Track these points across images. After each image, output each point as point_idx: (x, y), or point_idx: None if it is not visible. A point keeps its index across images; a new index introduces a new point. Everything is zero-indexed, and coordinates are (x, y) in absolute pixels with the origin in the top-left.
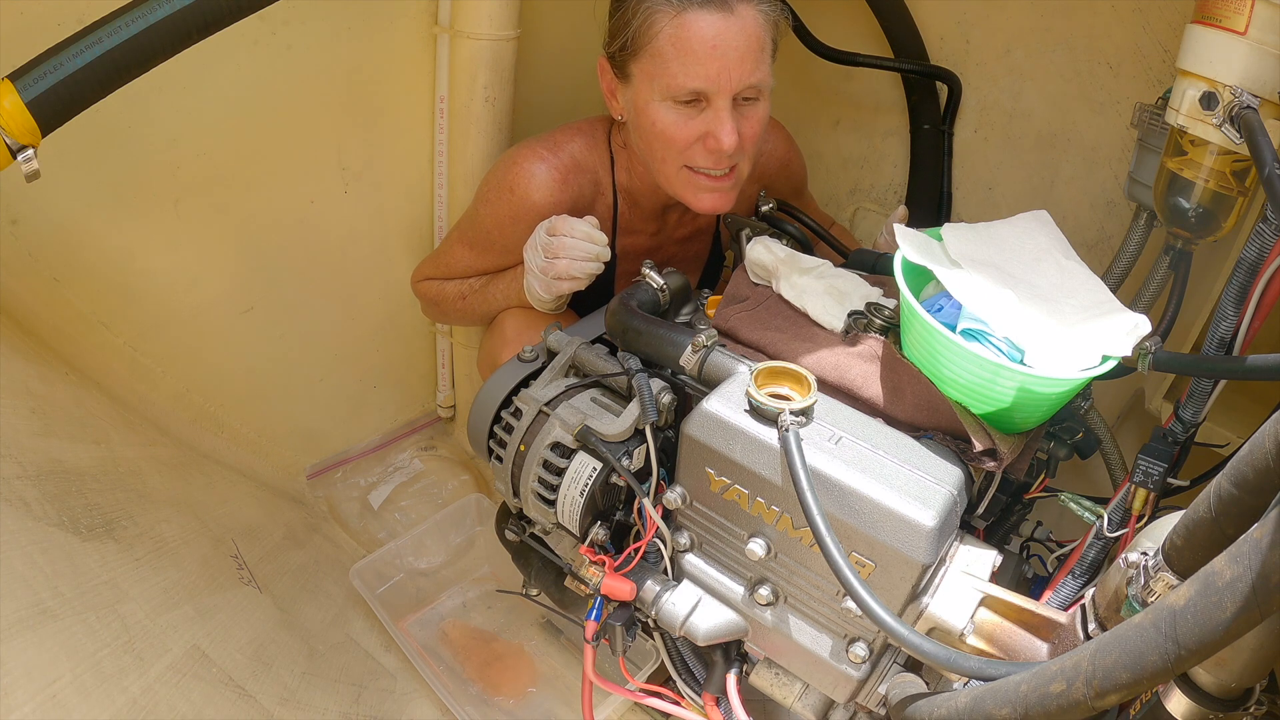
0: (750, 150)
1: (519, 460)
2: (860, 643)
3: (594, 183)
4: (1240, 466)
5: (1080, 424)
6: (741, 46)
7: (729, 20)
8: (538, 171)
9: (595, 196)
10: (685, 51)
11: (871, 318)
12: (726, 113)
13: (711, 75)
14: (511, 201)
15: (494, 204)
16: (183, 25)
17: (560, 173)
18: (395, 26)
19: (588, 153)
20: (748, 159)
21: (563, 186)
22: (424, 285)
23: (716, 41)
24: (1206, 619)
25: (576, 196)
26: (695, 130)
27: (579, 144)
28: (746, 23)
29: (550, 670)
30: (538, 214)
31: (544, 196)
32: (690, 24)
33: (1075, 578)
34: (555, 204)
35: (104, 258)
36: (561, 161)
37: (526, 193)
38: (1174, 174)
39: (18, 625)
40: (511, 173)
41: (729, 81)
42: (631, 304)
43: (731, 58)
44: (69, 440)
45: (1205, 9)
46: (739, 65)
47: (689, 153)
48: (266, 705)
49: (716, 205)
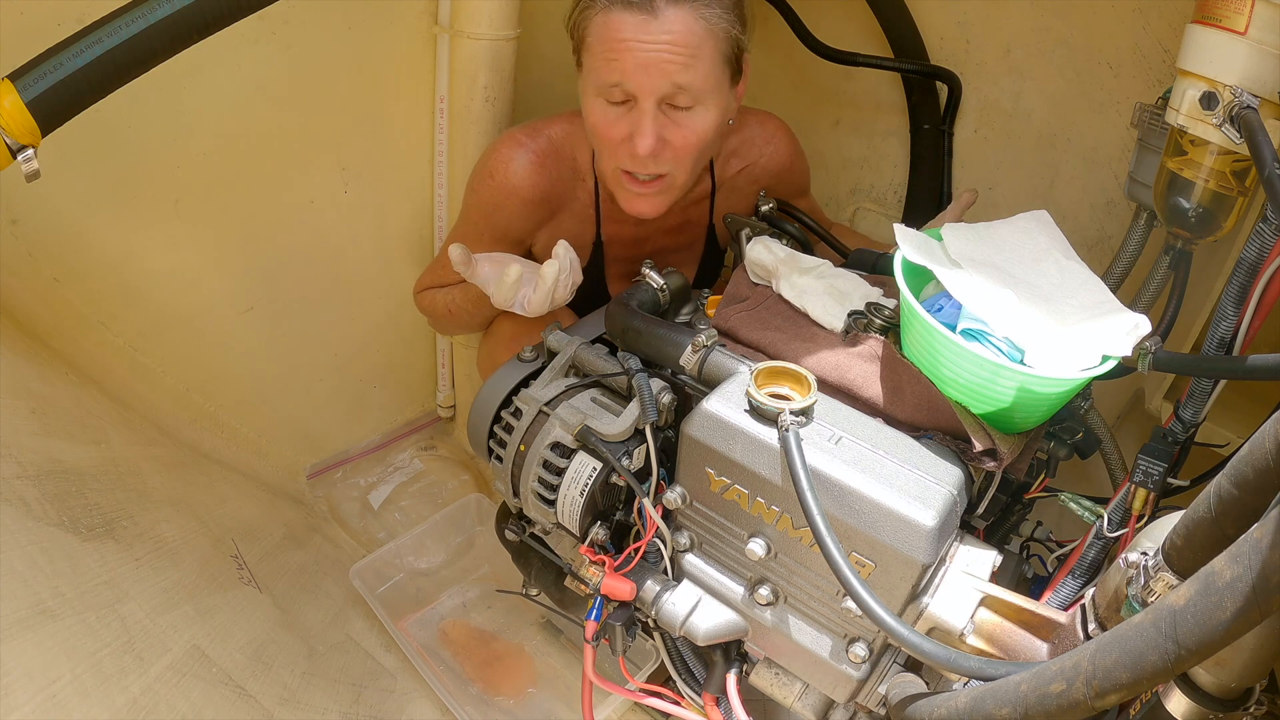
0: (684, 160)
1: (519, 460)
2: (860, 643)
3: (573, 169)
4: (1240, 466)
5: (1080, 424)
6: (664, 49)
7: (650, 22)
8: (516, 156)
9: (575, 182)
10: (606, 47)
11: (871, 318)
12: (648, 117)
13: (628, 72)
14: (492, 187)
15: (477, 192)
16: (183, 25)
17: (538, 156)
18: (395, 26)
19: (567, 139)
20: (682, 168)
21: (540, 170)
22: (421, 297)
23: (634, 41)
24: (1206, 619)
25: (555, 180)
26: (622, 131)
27: (558, 129)
28: (672, 25)
29: (550, 670)
30: (518, 197)
31: (522, 180)
32: (612, 21)
33: (1075, 578)
34: (534, 187)
35: (104, 258)
36: (539, 146)
37: (506, 177)
38: (1174, 174)
39: (18, 625)
40: (491, 160)
41: (647, 81)
42: (631, 304)
43: (649, 57)
44: (69, 440)
45: (1205, 9)
46: (658, 65)
47: (618, 154)
48: (266, 705)
49: (644, 210)
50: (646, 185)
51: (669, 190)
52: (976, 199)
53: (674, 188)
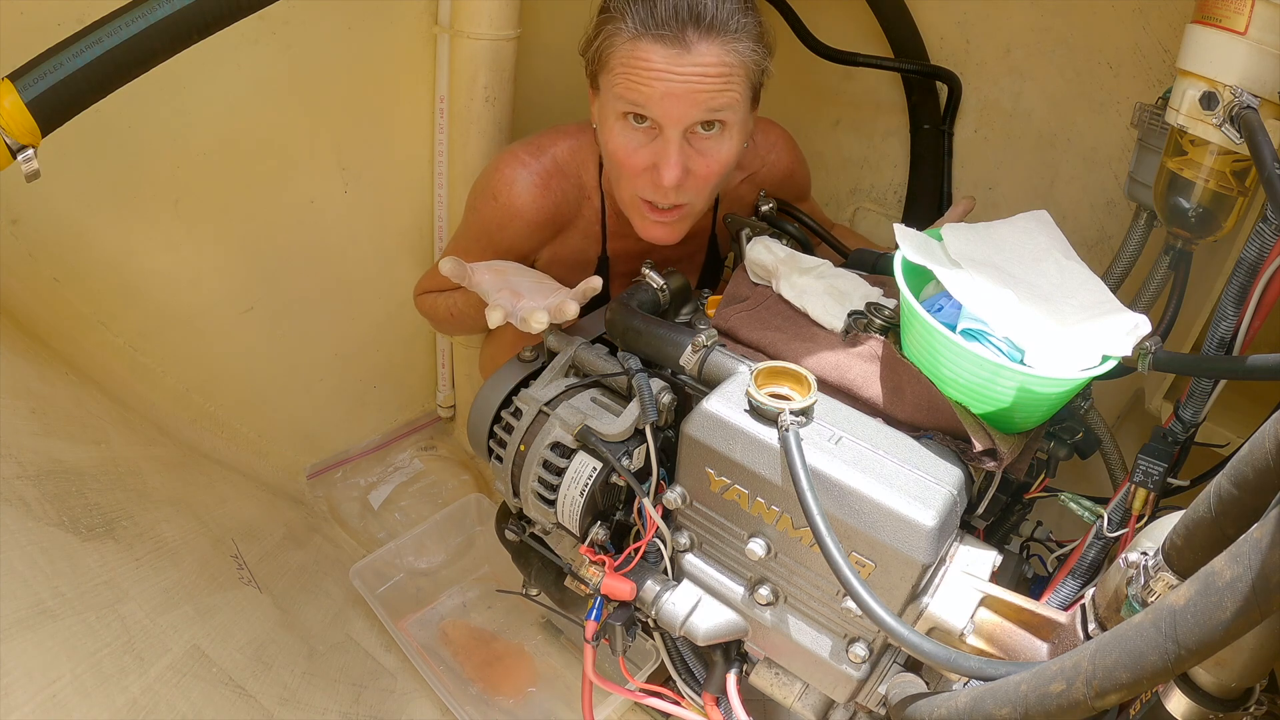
0: (704, 189)
1: (519, 460)
2: (860, 643)
3: (578, 186)
4: (1240, 466)
5: (1080, 424)
6: (694, 82)
7: (683, 56)
8: (519, 177)
9: (580, 200)
10: (633, 74)
11: (871, 318)
12: (674, 146)
13: (655, 99)
14: (495, 208)
15: (480, 211)
16: (183, 25)
17: (542, 177)
18: (395, 26)
19: (572, 156)
20: (702, 197)
21: (544, 191)
22: (421, 300)
23: (665, 72)
24: (1206, 619)
25: (560, 200)
26: (645, 159)
27: (564, 147)
28: (705, 59)
29: (550, 670)
30: (522, 219)
31: (526, 201)
32: (641, 52)
33: (1075, 578)
34: (539, 209)
35: (104, 258)
36: (543, 166)
37: (509, 199)
38: (1174, 174)
39: (18, 625)
40: (494, 180)
41: (676, 110)
42: (631, 304)
43: (679, 88)
44: (69, 440)
45: (1205, 9)
46: (688, 97)
47: (638, 182)
48: (266, 705)
49: (661, 237)
50: (666, 214)
51: (688, 218)
52: (974, 206)
53: (692, 215)
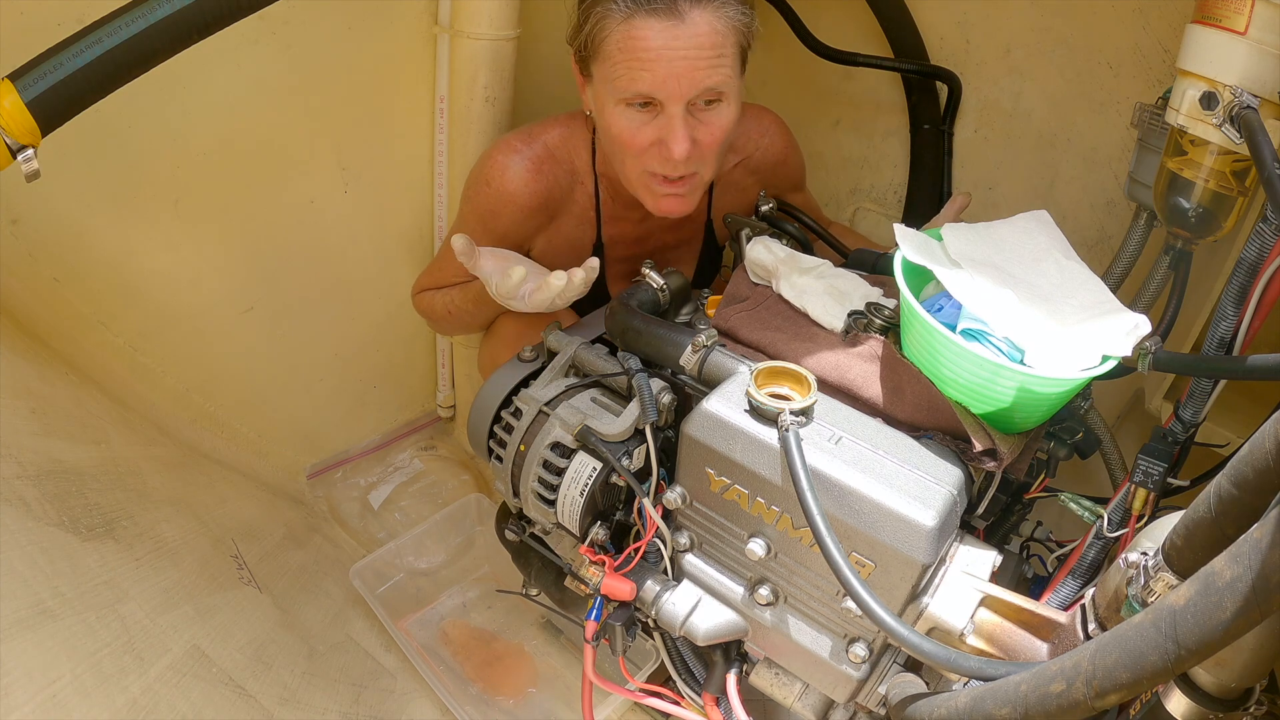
0: (711, 156)
1: (519, 460)
2: (860, 643)
3: (570, 171)
4: (1240, 466)
5: (1080, 424)
6: (692, 54)
7: (678, 27)
8: (511, 163)
9: (573, 185)
10: (632, 58)
11: (871, 318)
12: (679, 120)
13: (658, 82)
14: (489, 194)
15: (474, 199)
16: (183, 25)
17: (534, 162)
18: (395, 26)
19: (564, 142)
20: (709, 164)
21: (537, 176)
22: (419, 299)
23: (663, 49)
24: (1206, 619)
25: (552, 185)
26: (649, 136)
27: (555, 133)
28: (699, 29)
29: (550, 670)
30: (515, 204)
31: (519, 187)
32: (637, 30)
33: (1075, 578)
34: (531, 194)
35: (104, 258)
36: (535, 151)
37: (502, 185)
38: (1174, 174)
39: (18, 625)
40: (487, 167)
41: (678, 88)
42: (631, 304)
43: (680, 65)
44: (69, 440)
45: (1205, 9)
46: (689, 73)
47: (645, 158)
48: (266, 705)
49: (675, 209)
50: (677, 185)
51: (698, 187)
52: (969, 202)
53: (702, 184)
